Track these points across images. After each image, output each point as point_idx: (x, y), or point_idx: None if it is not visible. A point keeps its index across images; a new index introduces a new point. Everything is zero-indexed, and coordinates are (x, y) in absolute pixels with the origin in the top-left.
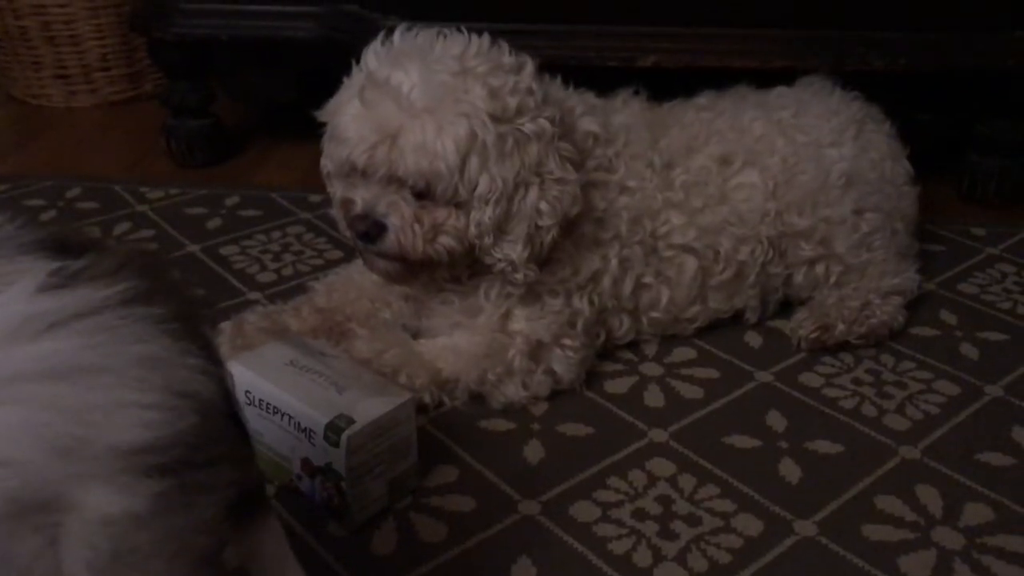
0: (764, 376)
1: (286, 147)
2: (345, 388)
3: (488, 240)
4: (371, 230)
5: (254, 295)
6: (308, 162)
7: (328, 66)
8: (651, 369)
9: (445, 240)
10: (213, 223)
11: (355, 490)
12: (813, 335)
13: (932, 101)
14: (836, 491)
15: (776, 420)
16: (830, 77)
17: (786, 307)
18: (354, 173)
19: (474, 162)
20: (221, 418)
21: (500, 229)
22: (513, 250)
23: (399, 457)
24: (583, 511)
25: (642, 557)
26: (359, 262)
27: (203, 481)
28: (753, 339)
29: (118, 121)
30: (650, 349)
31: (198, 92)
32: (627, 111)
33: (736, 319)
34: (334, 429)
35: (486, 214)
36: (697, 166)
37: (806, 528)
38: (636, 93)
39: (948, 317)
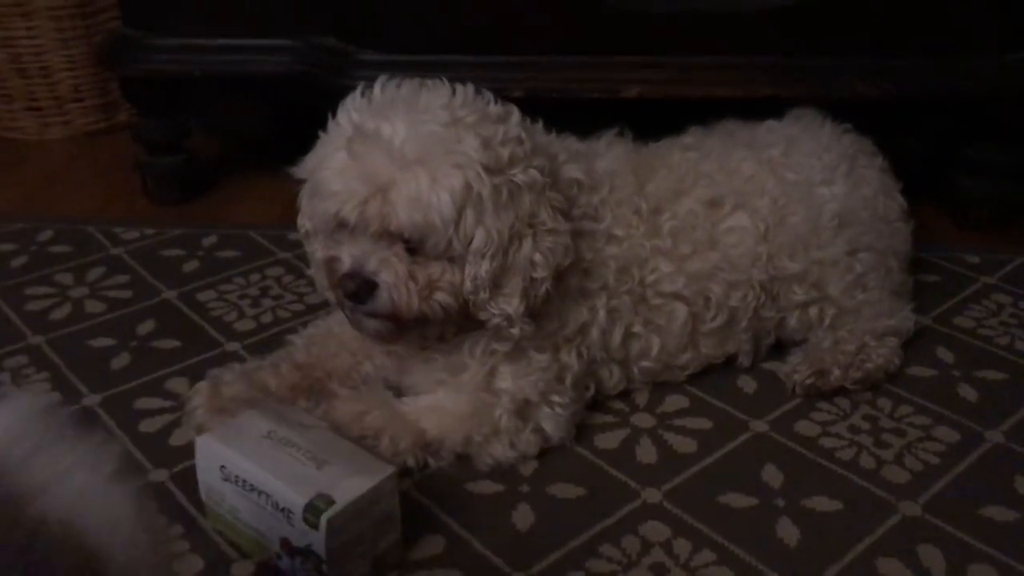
0: (759, 425)
1: (263, 181)
2: (324, 462)
3: (484, 295)
4: (361, 289)
5: (232, 346)
6: (286, 196)
7: (302, 100)
8: (643, 420)
9: (441, 296)
10: (190, 266)
11: (337, 572)
12: (808, 381)
13: (919, 125)
14: (836, 554)
15: (772, 475)
16: (820, 109)
17: (779, 348)
18: (340, 229)
19: (469, 215)
20: None
21: (495, 283)
22: (509, 304)
23: (383, 533)
24: None
25: None
26: (337, 313)
27: None
28: (747, 384)
29: (92, 153)
30: (641, 398)
31: (171, 128)
32: (611, 155)
33: (729, 363)
34: (313, 511)
35: (482, 268)
36: (685, 210)
37: None
38: (620, 134)
39: (945, 355)
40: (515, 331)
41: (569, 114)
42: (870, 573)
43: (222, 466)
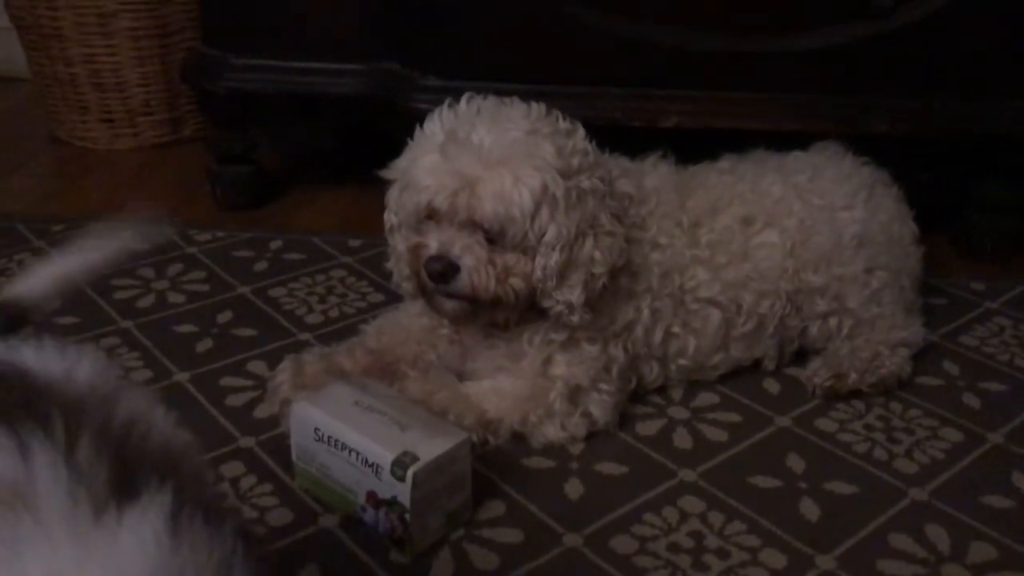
0: (783, 421)
1: (324, 193)
2: (407, 427)
3: (551, 284)
4: (447, 270)
5: (304, 336)
6: (345, 207)
7: (365, 119)
8: (678, 413)
9: (514, 282)
10: (260, 265)
11: (417, 521)
12: (828, 383)
13: (932, 162)
14: (853, 529)
15: (795, 462)
16: (843, 143)
17: (801, 356)
18: (427, 221)
19: (544, 212)
20: None
21: (561, 275)
22: (572, 294)
23: (456, 491)
24: (622, 544)
25: None
26: (406, 306)
27: None
28: (771, 386)
29: (159, 164)
30: (676, 394)
31: (242, 140)
32: (656, 174)
33: (755, 367)
34: (400, 465)
35: (552, 259)
36: (721, 226)
37: (826, 563)
38: (664, 156)
39: (951, 368)
40: (574, 319)
41: (613, 140)
42: (883, 545)
43: (316, 428)
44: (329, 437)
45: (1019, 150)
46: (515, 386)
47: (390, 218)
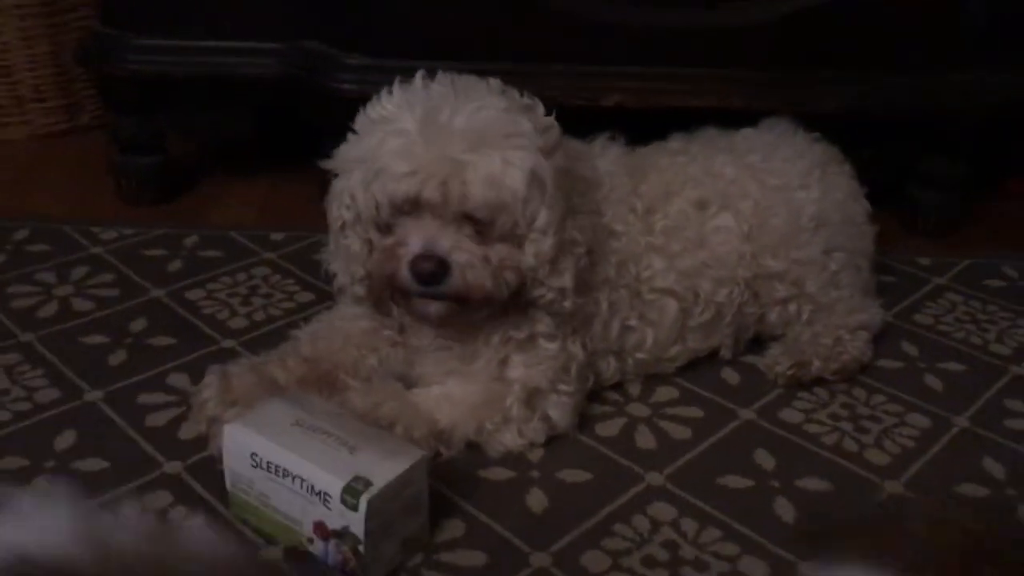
0: (747, 413)
1: (238, 184)
2: (356, 447)
3: (544, 272)
4: (439, 270)
5: (228, 343)
6: (263, 198)
7: (282, 103)
8: (638, 410)
9: (508, 275)
10: (174, 265)
11: (372, 552)
12: (790, 372)
13: (875, 138)
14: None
15: (764, 458)
16: (792, 119)
17: (757, 343)
18: (399, 215)
19: (535, 195)
20: None
21: (552, 261)
22: (564, 279)
23: (412, 515)
24: (594, 561)
25: None
26: (342, 308)
27: None
28: (730, 376)
29: (55, 155)
30: (634, 389)
31: (147, 128)
32: (608, 156)
33: (712, 357)
34: (352, 492)
35: (546, 245)
36: (676, 210)
37: (808, 569)
38: (612, 139)
39: (910, 349)
40: (567, 304)
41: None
42: None
43: (253, 453)
44: (269, 463)
45: (961, 125)
46: (468, 392)
47: (341, 213)
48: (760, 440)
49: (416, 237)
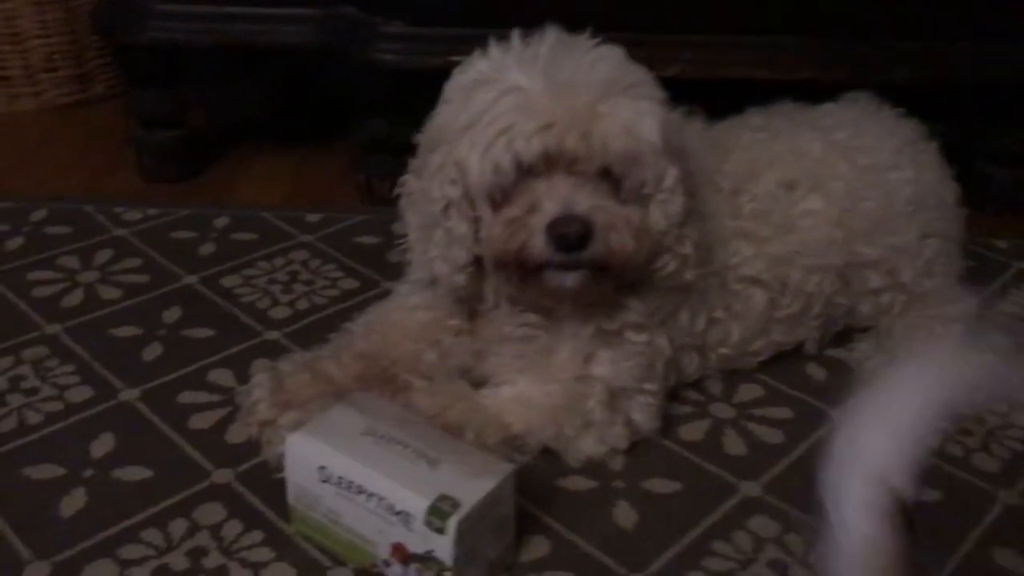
0: (839, 414)
1: (266, 159)
2: (436, 461)
3: (674, 235)
4: (586, 231)
5: (272, 334)
6: (292, 176)
7: (314, 75)
8: (722, 410)
9: (644, 239)
10: (205, 249)
11: None
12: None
13: (945, 112)
14: (952, 546)
15: None
16: (874, 94)
17: (839, 335)
18: (523, 179)
19: (664, 149)
20: None
21: (679, 225)
22: (686, 247)
23: (500, 536)
24: None
25: None
26: (398, 297)
27: None
28: (816, 372)
29: (67, 128)
30: (715, 387)
31: (170, 101)
32: (689, 131)
33: (794, 351)
34: (438, 514)
35: (677, 205)
36: (763, 192)
37: None
38: (691, 112)
39: (1002, 341)
40: (688, 276)
41: None
42: (987, 560)
43: (321, 467)
44: (340, 478)
45: None
46: (544, 393)
47: (445, 191)
48: None
49: (551, 200)
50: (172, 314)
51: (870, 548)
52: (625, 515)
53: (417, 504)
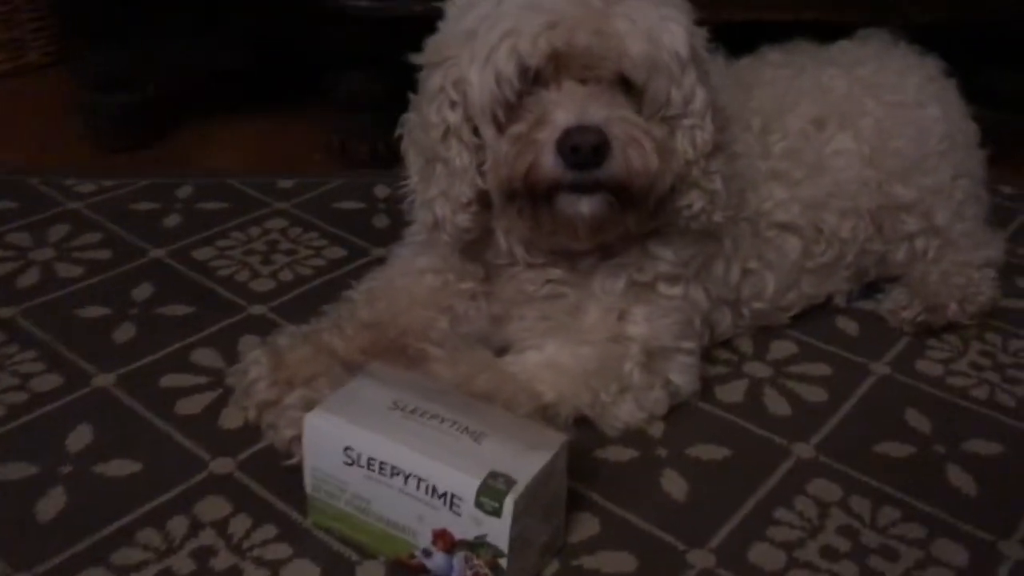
0: (879, 368)
1: (229, 123)
2: (481, 434)
3: (701, 166)
4: (602, 143)
5: (257, 308)
6: (259, 139)
7: (284, 26)
8: (758, 369)
9: (669, 160)
10: (171, 220)
11: (515, 566)
12: (920, 318)
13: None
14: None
15: (917, 420)
16: (890, 29)
17: (869, 287)
18: (531, 89)
19: (692, 69)
20: None
21: (708, 156)
22: (715, 183)
23: (552, 515)
24: (765, 557)
25: None
26: (400, 260)
27: None
28: (847, 325)
29: (2, 99)
30: (745, 345)
31: (123, 60)
32: (714, 66)
33: (822, 305)
34: (492, 494)
35: (706, 132)
36: (794, 130)
37: (1013, 549)
38: (714, 47)
39: None
40: (716, 217)
41: None
42: None
43: (347, 448)
44: (371, 459)
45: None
46: (577, 357)
47: (444, 115)
48: (905, 398)
49: (563, 109)
50: (142, 291)
51: None
52: (675, 485)
53: (466, 484)
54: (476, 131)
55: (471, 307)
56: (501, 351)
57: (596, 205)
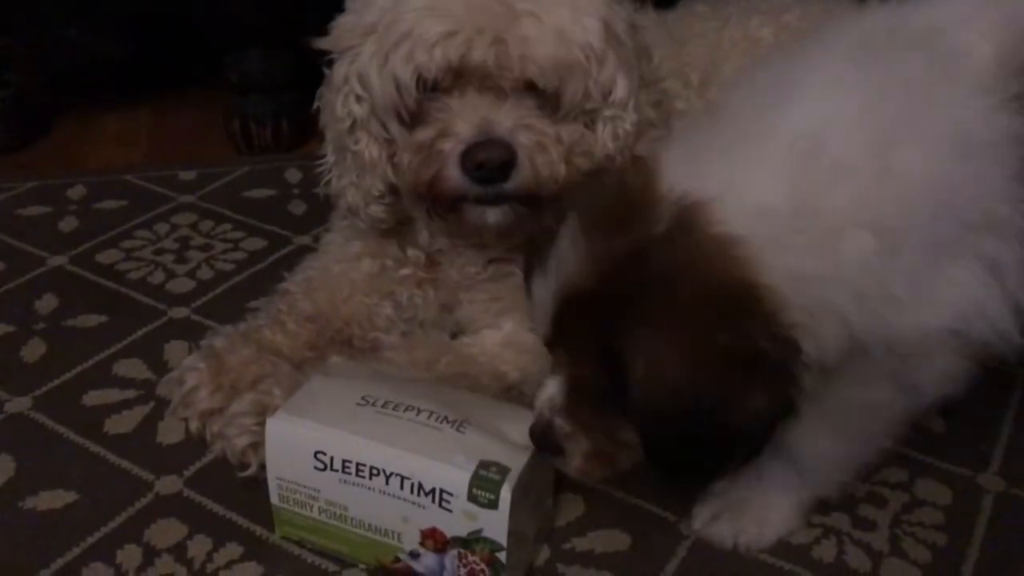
0: None
1: (116, 114)
2: (463, 422)
3: (625, 156)
4: (509, 158)
5: (179, 311)
6: (150, 130)
7: (163, 12)
8: None
9: (580, 162)
10: (67, 224)
11: (512, 559)
12: None
13: None
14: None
15: None
16: None
17: None
18: (432, 96)
19: (611, 57)
20: None
21: (631, 146)
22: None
23: (544, 500)
24: None
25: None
26: (333, 248)
27: None
28: None
29: None
30: None
31: None
32: (647, 19)
33: None
34: (485, 484)
35: (627, 123)
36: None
37: (993, 483)
38: (640, 4)
39: None
40: None
41: None
42: None
43: (318, 452)
44: (345, 462)
45: None
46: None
47: (350, 108)
48: None
49: (465, 121)
50: (47, 303)
51: None
52: None
53: (455, 478)
54: (384, 124)
55: (416, 295)
56: (455, 334)
57: (503, 215)
